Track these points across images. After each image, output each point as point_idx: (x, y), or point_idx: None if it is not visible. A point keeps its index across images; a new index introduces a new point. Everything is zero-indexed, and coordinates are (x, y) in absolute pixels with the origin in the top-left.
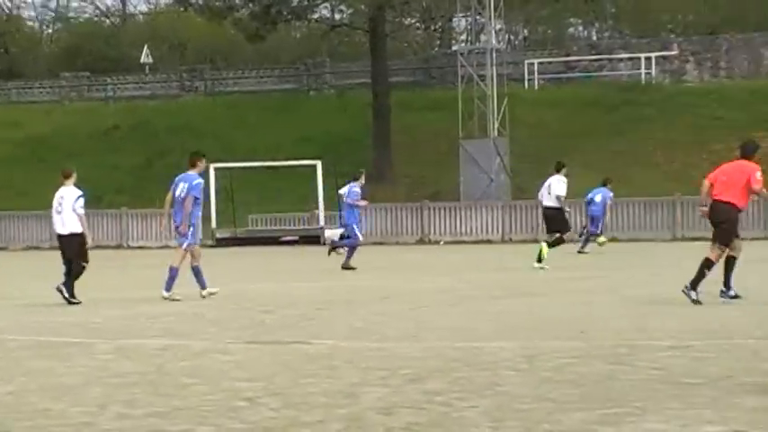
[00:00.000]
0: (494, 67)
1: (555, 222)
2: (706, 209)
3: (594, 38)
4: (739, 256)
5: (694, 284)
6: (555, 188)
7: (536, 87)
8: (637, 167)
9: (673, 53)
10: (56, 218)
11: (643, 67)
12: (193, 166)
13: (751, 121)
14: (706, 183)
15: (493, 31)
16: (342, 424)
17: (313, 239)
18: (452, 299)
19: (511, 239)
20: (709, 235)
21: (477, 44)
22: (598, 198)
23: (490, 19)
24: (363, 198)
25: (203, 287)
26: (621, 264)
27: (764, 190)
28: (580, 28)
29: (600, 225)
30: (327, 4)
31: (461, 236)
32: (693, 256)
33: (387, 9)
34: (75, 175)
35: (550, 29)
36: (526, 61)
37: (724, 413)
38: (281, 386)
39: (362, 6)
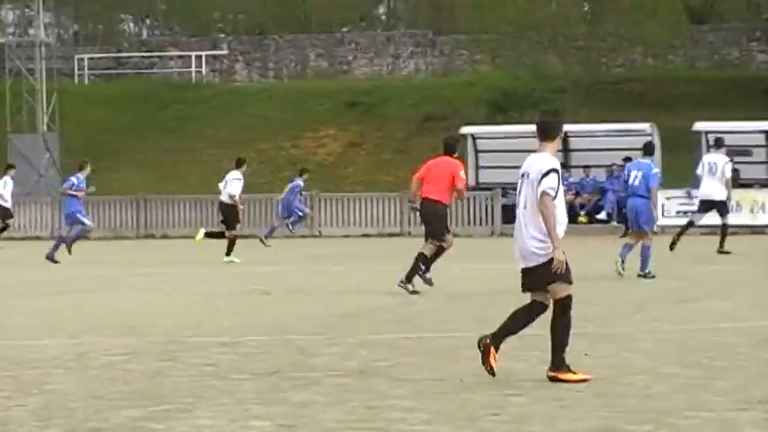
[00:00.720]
0: (43, 62)
1: (228, 217)
2: (416, 206)
3: (145, 35)
4: (449, 248)
5: (409, 278)
6: (230, 186)
7: (86, 83)
8: (187, 165)
9: (222, 52)
10: None
11: (193, 65)
12: None
13: (298, 120)
14: (415, 179)
15: (42, 25)
16: None
17: None
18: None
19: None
20: (257, 233)
21: (26, 37)
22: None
23: (39, 12)
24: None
25: None
26: (175, 260)
27: (464, 190)
28: (131, 24)
29: (292, 213)
30: None
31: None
32: (244, 252)
33: None
34: None
35: (101, 24)
36: (76, 56)
37: (271, 408)
38: None
39: None
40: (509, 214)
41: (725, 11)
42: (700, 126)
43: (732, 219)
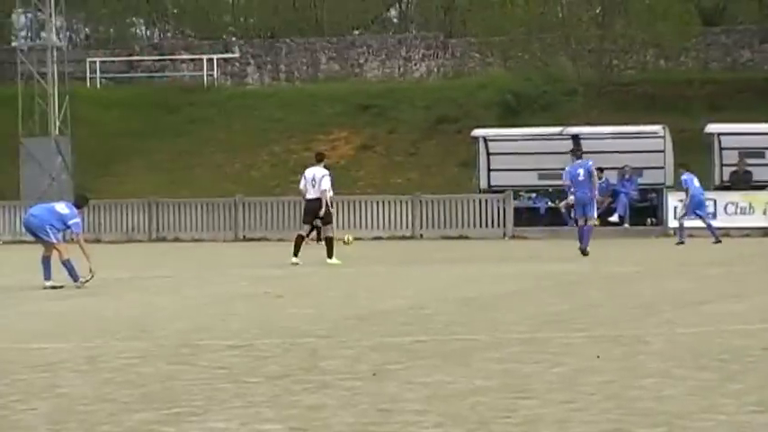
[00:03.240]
0: (55, 65)
1: None
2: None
3: (157, 38)
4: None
5: None
6: None
7: (98, 86)
8: (199, 168)
9: (234, 55)
10: None
11: (205, 68)
12: None
13: (310, 123)
14: None
15: (54, 28)
16: None
17: None
18: (8, 299)
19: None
20: (269, 236)
21: (38, 41)
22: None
23: (51, 16)
24: None
25: None
26: (187, 263)
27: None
28: (143, 28)
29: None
30: None
31: (24, 235)
32: (256, 254)
33: None
34: None
35: (113, 28)
36: (88, 60)
37: (283, 411)
38: None
39: None
40: (520, 216)
41: (737, 13)
42: (712, 128)
43: (745, 221)
